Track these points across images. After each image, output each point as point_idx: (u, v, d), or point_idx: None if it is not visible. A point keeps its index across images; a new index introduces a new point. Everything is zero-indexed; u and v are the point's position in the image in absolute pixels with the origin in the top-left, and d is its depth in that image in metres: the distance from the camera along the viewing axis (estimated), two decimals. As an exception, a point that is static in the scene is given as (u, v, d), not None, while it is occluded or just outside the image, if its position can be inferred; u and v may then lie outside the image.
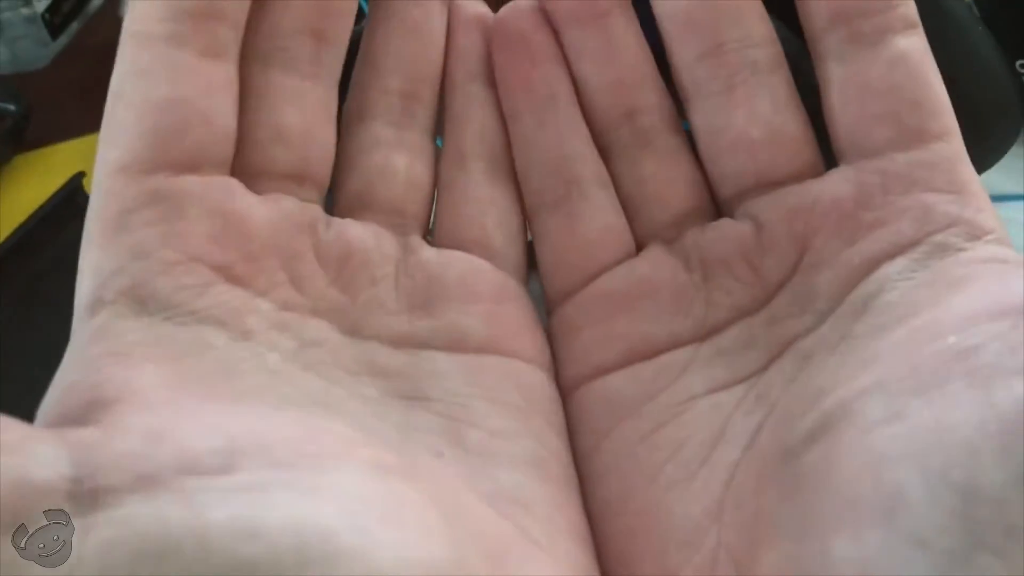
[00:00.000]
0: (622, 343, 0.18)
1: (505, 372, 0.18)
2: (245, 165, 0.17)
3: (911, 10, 0.17)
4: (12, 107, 0.39)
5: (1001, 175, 0.29)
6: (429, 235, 0.20)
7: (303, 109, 0.18)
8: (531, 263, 0.20)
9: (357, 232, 0.18)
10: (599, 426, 0.18)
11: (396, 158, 0.19)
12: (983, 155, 0.28)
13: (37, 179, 0.39)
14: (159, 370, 0.14)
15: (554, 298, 0.19)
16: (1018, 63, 0.34)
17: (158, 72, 0.16)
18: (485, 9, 0.20)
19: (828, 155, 0.18)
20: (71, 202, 0.36)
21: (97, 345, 0.14)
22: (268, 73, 0.18)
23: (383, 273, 0.18)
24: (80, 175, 0.37)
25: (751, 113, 0.18)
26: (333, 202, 0.19)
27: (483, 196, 0.19)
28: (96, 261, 0.15)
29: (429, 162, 0.20)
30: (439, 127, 0.21)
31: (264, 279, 0.16)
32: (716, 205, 0.19)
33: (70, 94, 0.41)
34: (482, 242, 0.19)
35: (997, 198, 0.30)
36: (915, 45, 0.17)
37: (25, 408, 0.13)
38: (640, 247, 0.19)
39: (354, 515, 0.12)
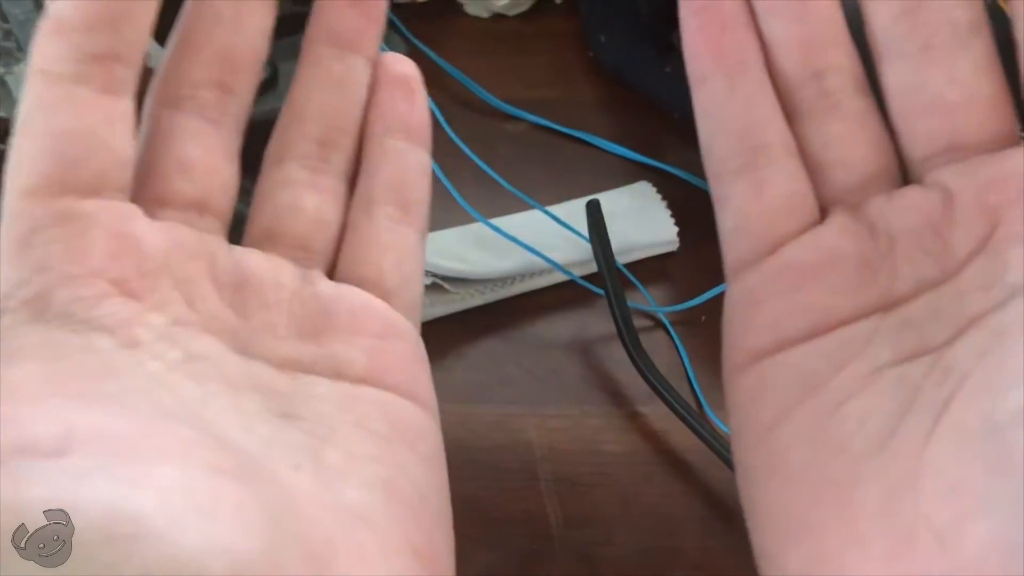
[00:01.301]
0: (807, 316, 0.18)
1: (378, 403, 0.19)
2: (150, 194, 0.19)
3: None
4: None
5: None
6: None
7: (206, 147, 0.19)
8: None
9: (255, 261, 0.19)
10: (784, 399, 0.18)
11: (306, 197, 0.20)
12: None
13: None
14: (40, 368, 0.15)
15: (736, 266, 0.19)
16: None
17: (63, 106, 0.17)
18: (410, 68, 0.22)
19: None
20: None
21: None
22: (175, 116, 0.19)
23: (277, 299, 0.19)
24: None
25: (949, 74, 0.17)
26: (244, 235, 0.21)
27: (384, 240, 0.21)
28: (4, 274, 0.17)
29: (340, 204, 0.21)
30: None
31: (158, 296, 0.18)
32: (903, 170, 0.19)
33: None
34: (378, 282, 0.20)
35: None
36: None
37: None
38: (823, 211, 0.19)
39: (170, 504, 0.13)
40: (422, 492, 0.19)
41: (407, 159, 0.21)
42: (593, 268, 0.38)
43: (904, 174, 0.19)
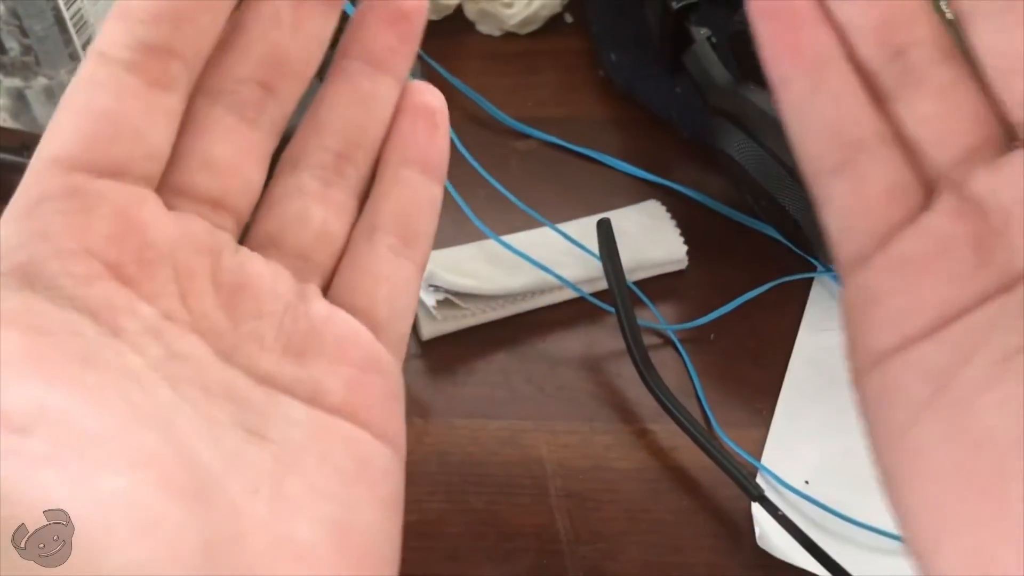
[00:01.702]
0: (929, 309, 0.17)
1: (347, 438, 0.19)
2: (171, 183, 0.19)
3: None
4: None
5: None
6: None
7: (236, 145, 0.19)
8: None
9: (258, 266, 0.19)
10: (915, 399, 0.17)
11: (315, 208, 0.21)
12: None
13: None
14: (21, 338, 0.15)
15: (848, 265, 0.19)
16: None
17: (107, 88, 0.17)
18: (437, 100, 0.22)
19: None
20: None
21: None
22: (212, 108, 0.19)
23: (271, 310, 0.19)
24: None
25: None
26: (247, 236, 0.21)
27: (381, 270, 0.21)
28: (4, 234, 0.17)
29: (347, 220, 0.21)
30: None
31: (152, 286, 0.18)
32: (1006, 133, 0.18)
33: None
34: (368, 312, 0.20)
35: None
36: None
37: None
38: (927, 192, 0.18)
39: (107, 517, 0.14)
40: (374, 539, 0.18)
41: (419, 192, 0.21)
42: (602, 284, 0.38)
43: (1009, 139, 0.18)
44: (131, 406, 0.16)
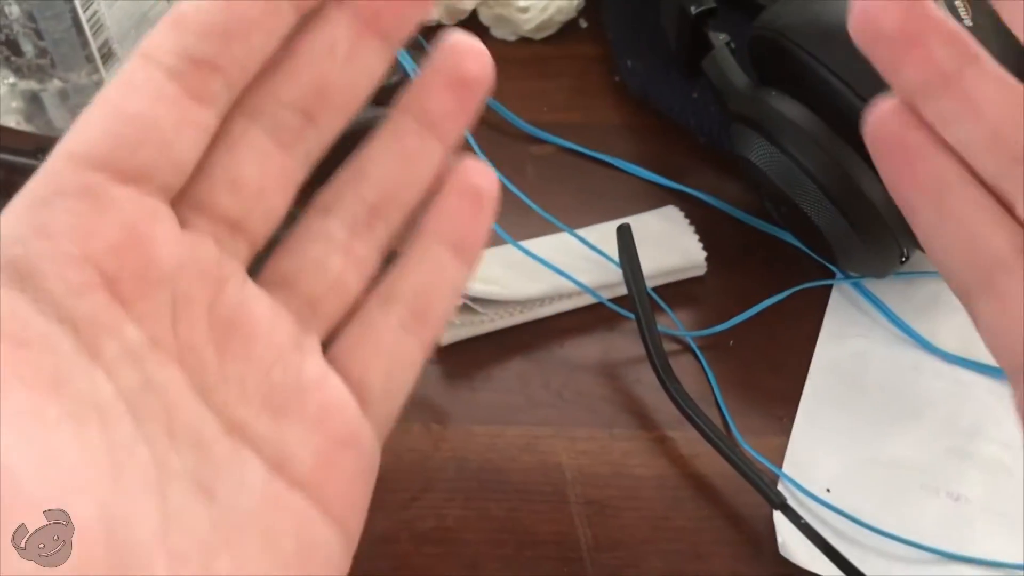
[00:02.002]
0: None
1: (299, 518, 0.18)
2: (193, 197, 0.18)
3: None
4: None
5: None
6: None
7: (265, 169, 0.19)
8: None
9: (260, 307, 0.19)
10: None
11: (335, 257, 0.20)
12: None
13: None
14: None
15: (1011, 374, 0.19)
16: None
17: (143, 92, 0.17)
18: (489, 183, 0.21)
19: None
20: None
21: None
22: (249, 128, 0.19)
23: (261, 356, 0.18)
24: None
25: None
26: (260, 270, 0.20)
27: (386, 343, 0.20)
28: (7, 222, 0.16)
29: (366, 276, 0.20)
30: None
31: (145, 306, 0.17)
32: None
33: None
34: (361, 383, 0.20)
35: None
36: None
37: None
38: None
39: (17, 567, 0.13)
40: None
41: (446, 273, 0.21)
42: (620, 290, 0.38)
43: None
44: (82, 454, 0.15)
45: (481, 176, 0.21)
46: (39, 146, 0.43)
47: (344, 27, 0.19)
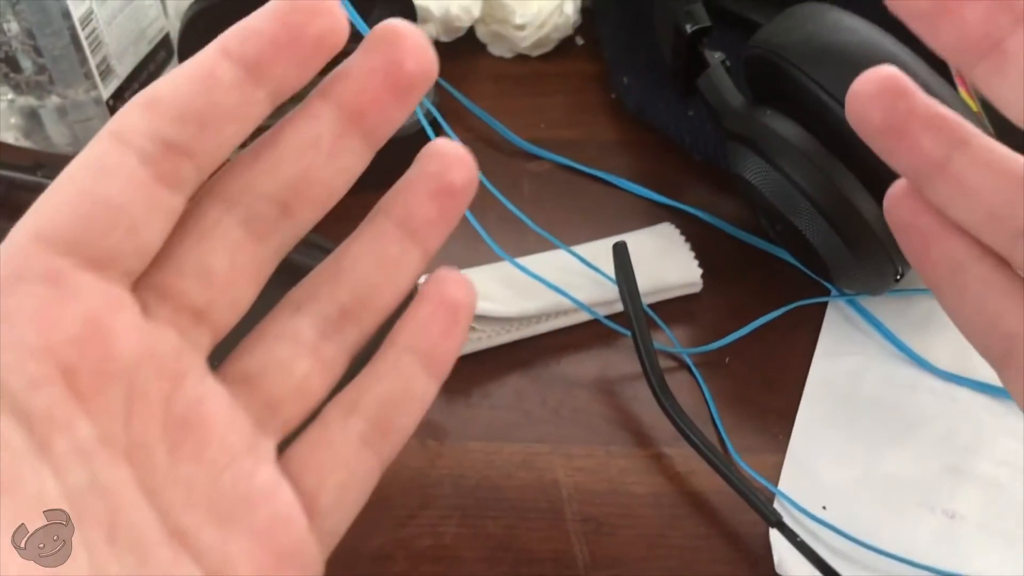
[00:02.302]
0: None
1: None
2: (160, 284, 0.18)
3: None
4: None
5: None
6: None
7: (236, 260, 0.18)
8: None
9: (216, 407, 0.18)
10: None
11: (302, 361, 0.19)
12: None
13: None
14: None
15: None
16: None
17: (114, 175, 0.17)
18: (465, 296, 0.20)
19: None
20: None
21: None
22: (223, 217, 0.18)
23: (213, 459, 0.18)
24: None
25: None
26: (223, 359, 0.19)
27: (344, 456, 0.20)
28: None
29: (332, 381, 0.20)
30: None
31: (100, 401, 0.16)
32: None
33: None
34: (313, 495, 0.19)
35: None
36: None
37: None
38: None
39: None
40: None
41: (414, 386, 0.20)
42: (616, 307, 0.38)
43: None
44: (23, 562, 0.15)
45: (458, 287, 0.20)
46: (37, 162, 0.43)
47: (329, 122, 0.19)
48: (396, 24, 0.19)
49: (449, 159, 0.20)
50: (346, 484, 0.20)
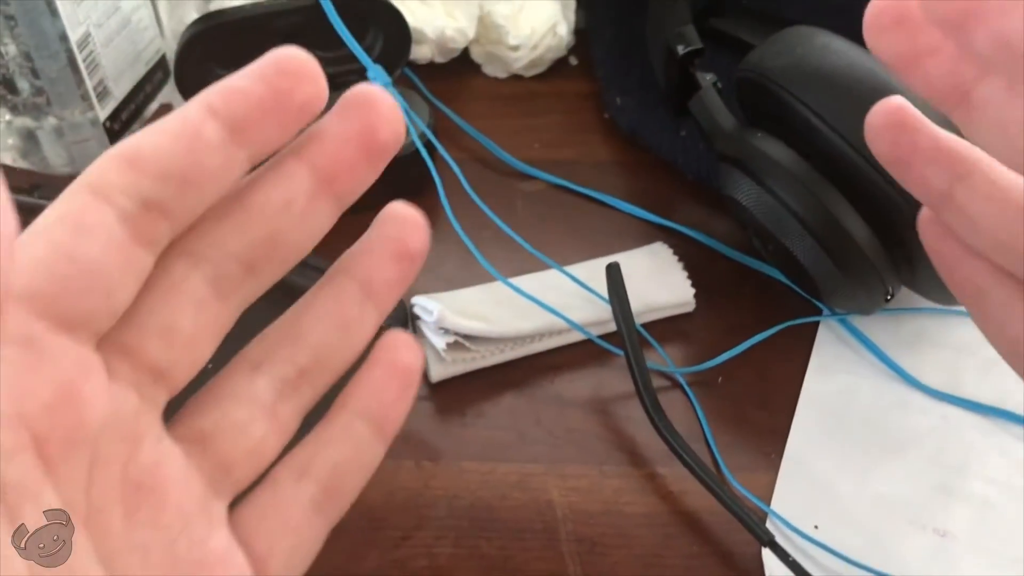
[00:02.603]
0: None
1: None
2: (122, 341, 0.18)
3: None
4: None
5: None
6: None
7: (199, 319, 0.18)
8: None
9: (172, 469, 0.18)
10: None
11: (258, 423, 0.19)
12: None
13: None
14: None
15: None
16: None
17: (93, 235, 0.16)
18: (415, 360, 0.21)
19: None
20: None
21: None
22: (190, 275, 0.18)
23: (168, 524, 0.18)
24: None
25: None
26: (177, 414, 0.19)
27: (294, 520, 0.20)
28: None
29: (285, 441, 0.20)
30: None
31: (67, 469, 0.16)
32: None
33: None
34: (264, 560, 0.19)
35: None
36: None
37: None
38: None
39: None
40: None
41: (364, 451, 0.21)
42: (610, 327, 0.39)
43: None
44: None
45: (409, 352, 0.21)
46: (34, 183, 0.43)
47: (302, 183, 0.19)
48: (370, 90, 0.19)
49: (408, 223, 0.20)
50: (295, 549, 0.20)
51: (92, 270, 0.16)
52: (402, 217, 0.20)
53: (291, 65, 0.18)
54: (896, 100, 0.20)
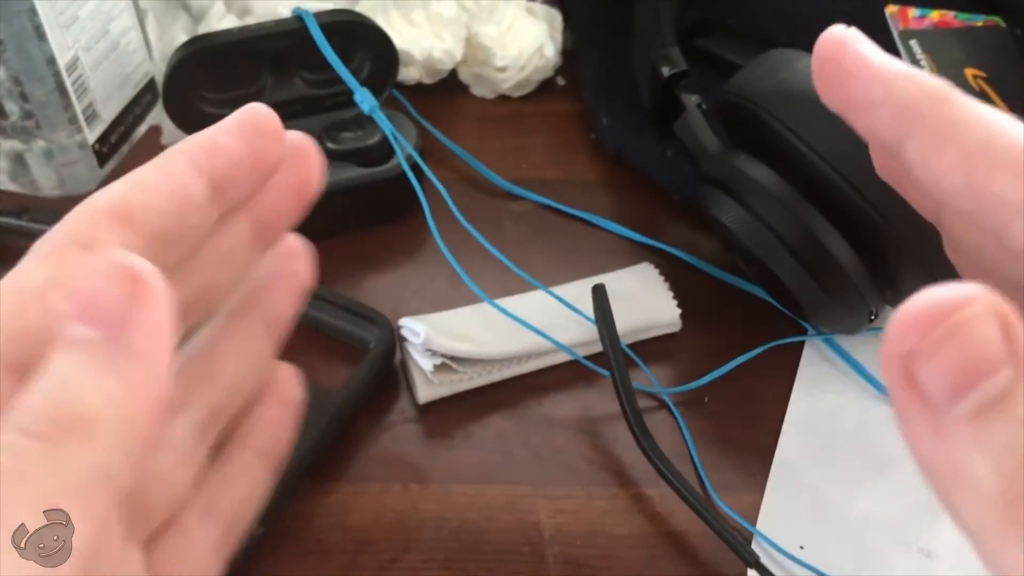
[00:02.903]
0: None
1: None
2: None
3: None
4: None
5: None
6: None
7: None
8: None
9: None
10: None
11: (179, 473, 0.20)
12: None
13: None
14: None
15: None
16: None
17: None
18: (297, 389, 0.22)
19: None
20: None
21: None
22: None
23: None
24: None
25: None
26: None
27: (200, 560, 0.20)
28: None
29: (197, 480, 0.20)
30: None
31: None
32: None
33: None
34: None
35: None
36: None
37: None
38: None
39: None
40: None
41: (257, 484, 0.21)
42: (597, 347, 0.39)
43: None
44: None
45: (294, 385, 0.22)
46: (23, 206, 0.43)
47: (243, 232, 0.19)
48: (302, 139, 0.20)
49: (303, 258, 0.21)
50: None
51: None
52: (299, 251, 0.22)
53: (268, 125, 0.18)
54: (837, 31, 0.19)
